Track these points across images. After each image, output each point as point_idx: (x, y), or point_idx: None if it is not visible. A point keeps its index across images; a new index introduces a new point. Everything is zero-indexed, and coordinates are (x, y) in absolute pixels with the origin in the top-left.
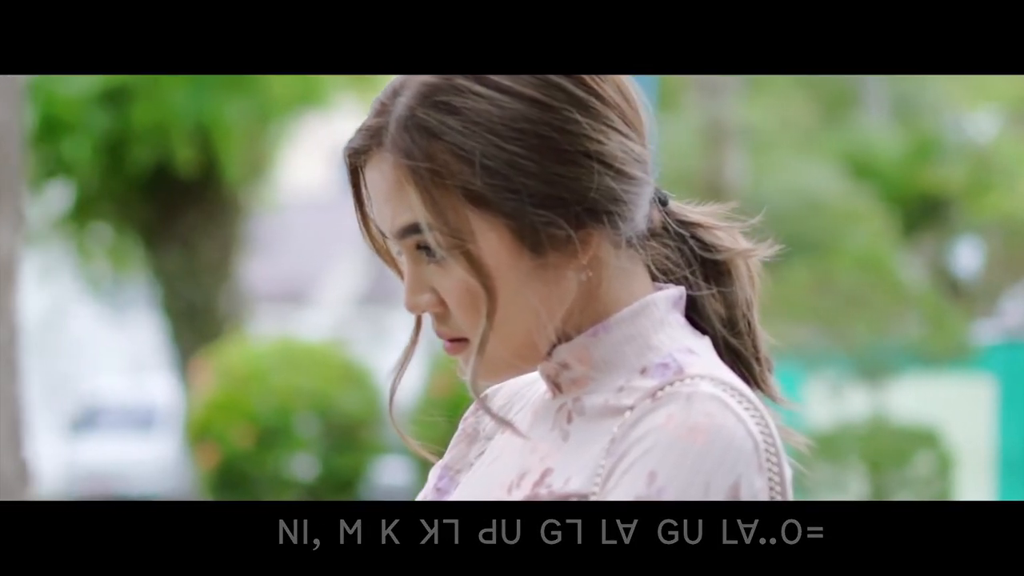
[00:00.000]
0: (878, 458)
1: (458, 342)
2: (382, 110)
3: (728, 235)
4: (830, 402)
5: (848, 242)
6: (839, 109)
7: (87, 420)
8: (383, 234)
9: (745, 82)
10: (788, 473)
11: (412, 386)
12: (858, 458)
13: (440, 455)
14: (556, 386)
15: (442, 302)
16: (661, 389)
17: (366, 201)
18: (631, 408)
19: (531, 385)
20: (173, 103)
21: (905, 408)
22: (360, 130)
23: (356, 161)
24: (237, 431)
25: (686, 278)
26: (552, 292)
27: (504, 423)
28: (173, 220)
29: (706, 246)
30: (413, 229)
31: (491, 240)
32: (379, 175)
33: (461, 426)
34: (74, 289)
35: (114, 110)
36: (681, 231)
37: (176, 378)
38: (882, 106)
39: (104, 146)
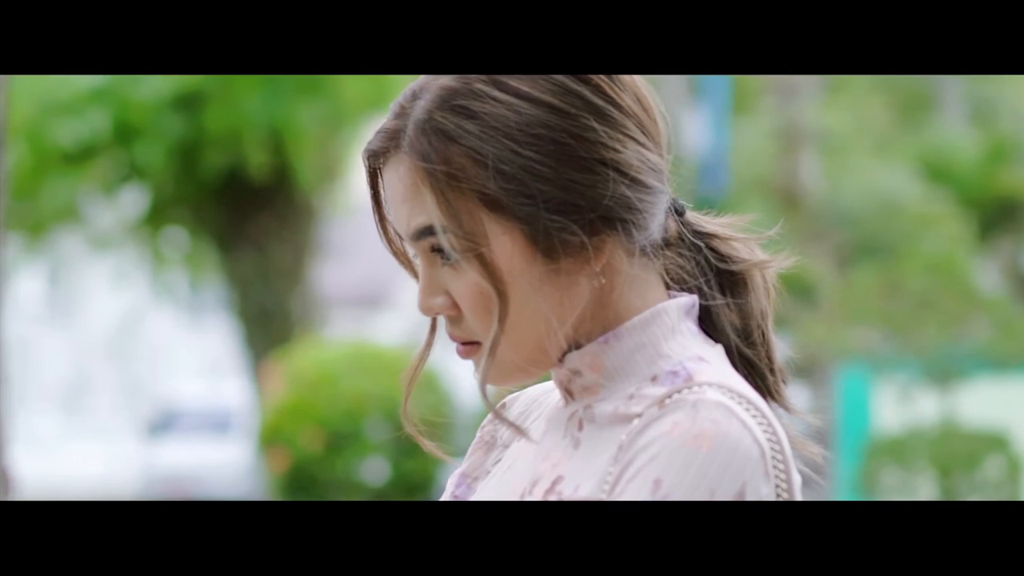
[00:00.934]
0: (948, 462)
1: (470, 345)
2: (401, 112)
3: (745, 246)
4: (900, 406)
5: (923, 246)
6: (916, 112)
7: (164, 424)
8: (400, 236)
9: (821, 85)
10: (797, 480)
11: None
12: (928, 462)
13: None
14: (569, 393)
15: (455, 305)
16: (669, 396)
17: (384, 203)
18: (639, 415)
19: (548, 393)
20: (246, 108)
21: (975, 412)
22: (378, 132)
23: (374, 163)
24: (307, 435)
25: (700, 288)
26: (564, 298)
27: (516, 429)
28: (246, 224)
29: (722, 257)
30: (428, 231)
31: (505, 244)
32: (396, 177)
33: (479, 434)
34: (151, 294)
35: (187, 115)
36: (697, 241)
37: (249, 382)
38: (959, 108)
39: (177, 151)
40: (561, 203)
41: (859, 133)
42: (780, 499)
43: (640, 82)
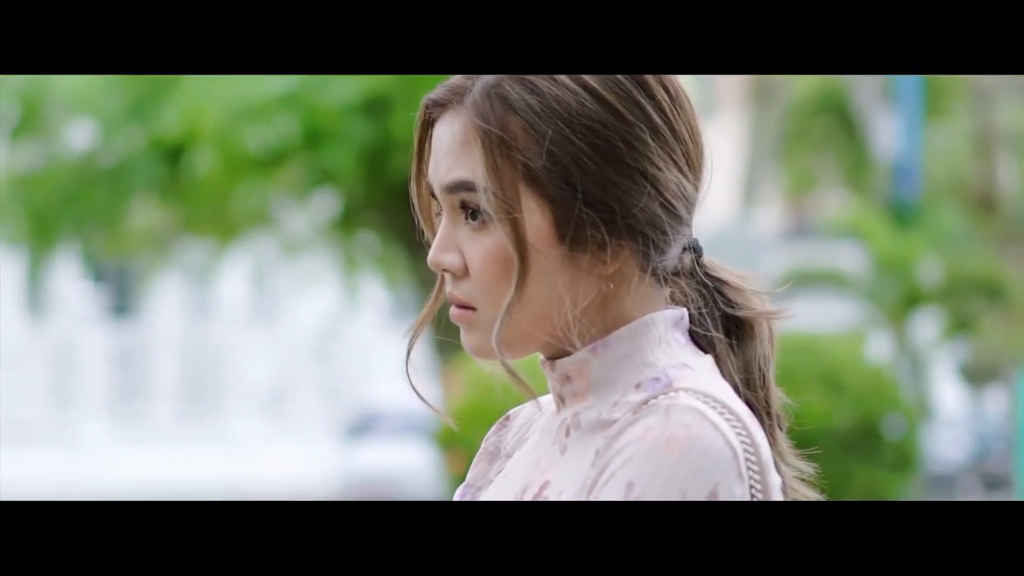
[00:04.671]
0: None
1: (465, 310)
2: (472, 75)
3: (756, 297)
4: None
5: None
6: None
7: (363, 426)
8: (430, 192)
9: (1018, 87)
10: (775, 482)
11: None
12: None
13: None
14: (561, 399)
15: (465, 266)
16: (646, 402)
17: (426, 155)
18: (618, 421)
19: (549, 405)
20: None
21: None
22: (444, 85)
23: (432, 112)
24: (483, 437)
25: (702, 319)
26: (574, 287)
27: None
28: None
29: (730, 302)
30: (463, 186)
31: (534, 220)
32: (449, 130)
33: (483, 445)
34: (343, 297)
35: (374, 120)
36: (708, 283)
37: (436, 385)
38: None
39: (366, 155)
40: (596, 199)
41: None
42: (755, 499)
43: (697, 115)
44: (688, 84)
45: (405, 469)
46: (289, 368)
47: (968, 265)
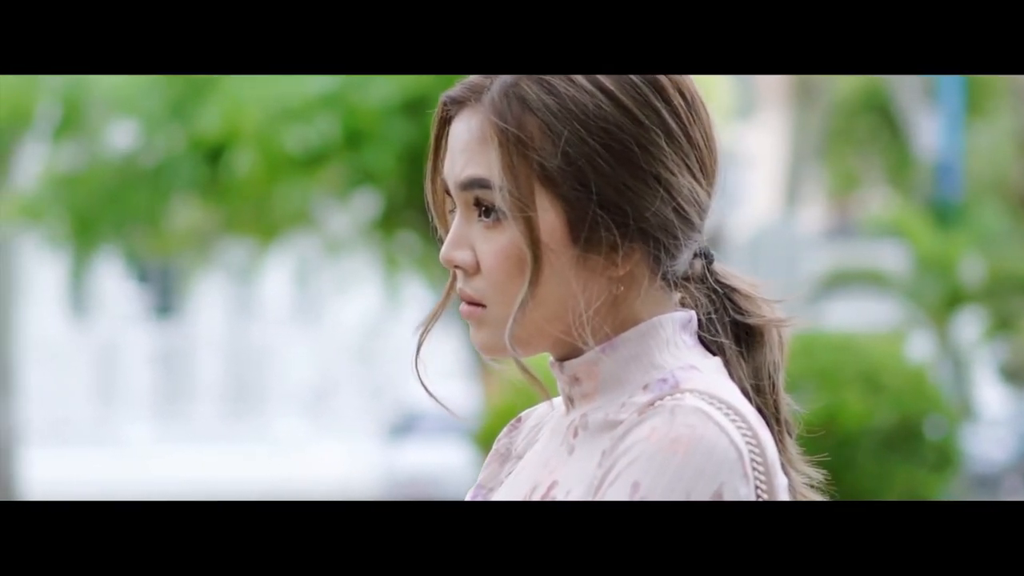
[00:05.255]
0: None
1: (475, 307)
2: (491, 75)
3: (766, 305)
4: None
5: None
6: None
7: (406, 426)
8: (445, 188)
9: None
10: (781, 482)
11: None
12: None
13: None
14: (570, 400)
15: (476, 263)
16: (652, 404)
17: (442, 152)
18: (624, 422)
19: (560, 406)
20: None
21: None
22: (463, 83)
23: (449, 110)
24: None
25: (711, 324)
26: (585, 288)
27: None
28: None
29: (740, 309)
30: (478, 183)
31: (547, 219)
32: (466, 127)
33: (495, 446)
34: (389, 297)
35: (415, 120)
36: (718, 289)
37: (474, 385)
38: None
39: (406, 155)
40: (609, 201)
41: None
42: (760, 499)
43: (713, 123)
44: (729, 84)
45: (446, 469)
46: (331, 368)
47: (1010, 264)
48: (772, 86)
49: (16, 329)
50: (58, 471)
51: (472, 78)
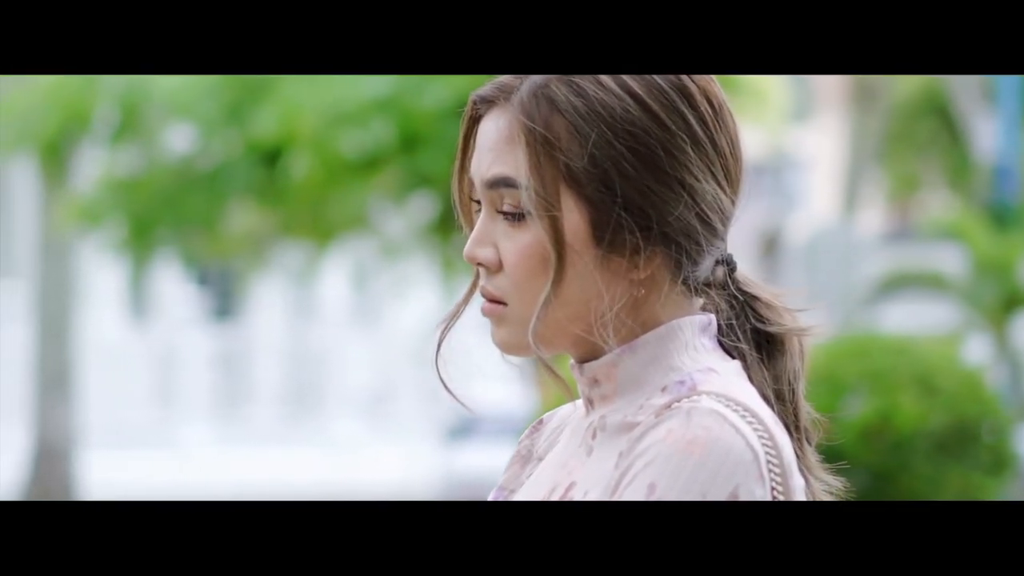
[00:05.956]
0: None
1: (496, 304)
2: (521, 75)
3: (788, 315)
4: None
5: None
6: None
7: (464, 429)
8: (471, 186)
9: None
10: (798, 484)
11: None
12: None
13: None
14: (590, 402)
15: (499, 261)
16: (669, 406)
17: (470, 150)
18: (641, 423)
19: (580, 408)
20: None
21: None
22: (493, 83)
23: (479, 108)
24: None
25: (732, 330)
26: (606, 289)
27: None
28: None
29: (761, 318)
30: (504, 182)
31: (571, 219)
32: (494, 126)
33: (517, 448)
34: (446, 300)
35: None
36: (740, 297)
37: (530, 388)
38: None
39: None
40: (633, 204)
41: None
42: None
43: (740, 131)
44: (786, 86)
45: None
46: (389, 370)
47: None
48: (830, 88)
49: (76, 332)
50: (117, 473)
51: (502, 78)
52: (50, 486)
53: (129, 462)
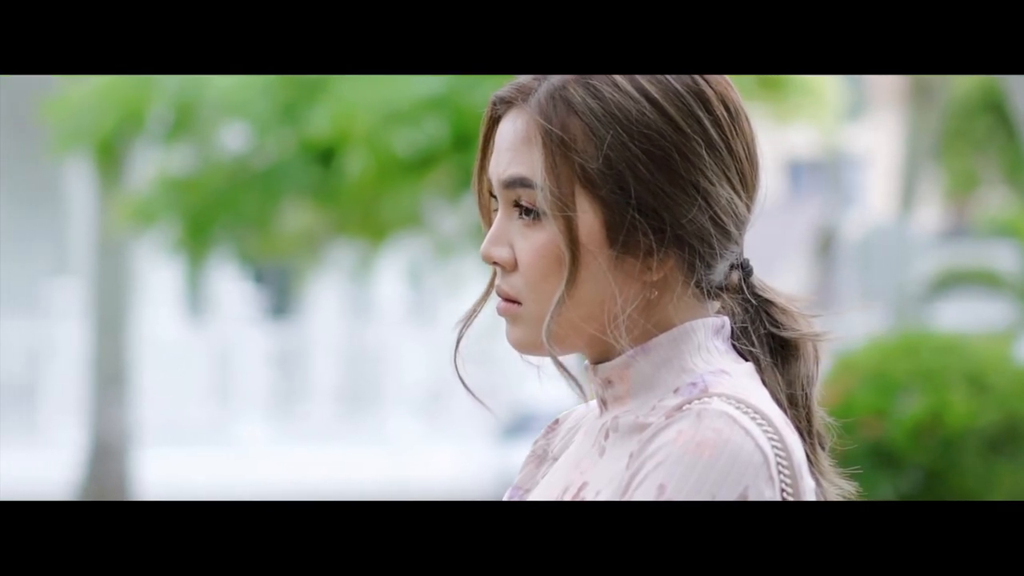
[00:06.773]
0: None
1: (511, 304)
2: (539, 76)
3: (804, 320)
4: None
5: None
6: None
7: (519, 427)
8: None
9: None
10: (808, 486)
11: None
12: None
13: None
14: (603, 403)
15: (515, 260)
16: (680, 407)
17: (489, 151)
18: (652, 425)
19: (594, 408)
20: None
21: None
22: (512, 84)
23: (498, 109)
24: None
25: (747, 334)
26: (620, 290)
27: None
28: None
29: (776, 323)
30: (520, 182)
31: (587, 221)
32: (512, 126)
33: (532, 448)
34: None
35: None
36: (754, 301)
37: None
38: None
39: None
40: (647, 206)
41: None
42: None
43: (756, 136)
44: (840, 84)
45: None
46: (446, 369)
47: None
48: (886, 86)
49: (132, 330)
50: (173, 471)
51: (521, 79)
52: (106, 484)
53: (185, 460)
